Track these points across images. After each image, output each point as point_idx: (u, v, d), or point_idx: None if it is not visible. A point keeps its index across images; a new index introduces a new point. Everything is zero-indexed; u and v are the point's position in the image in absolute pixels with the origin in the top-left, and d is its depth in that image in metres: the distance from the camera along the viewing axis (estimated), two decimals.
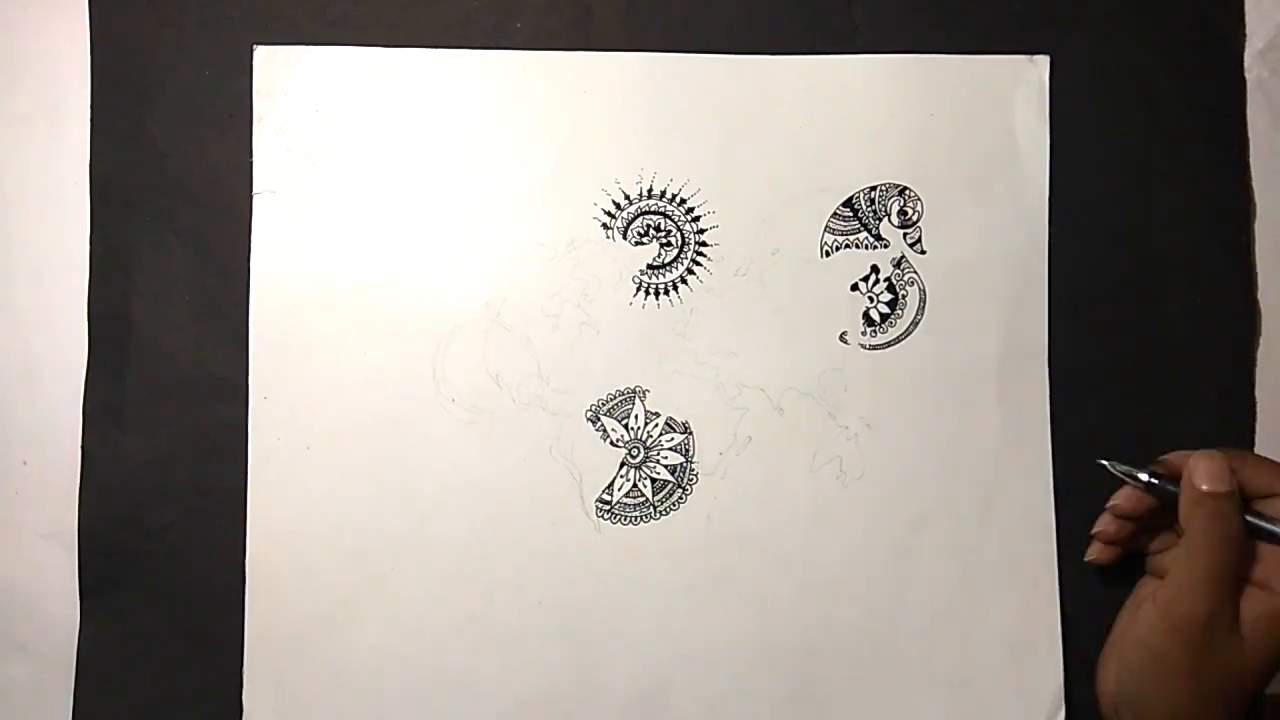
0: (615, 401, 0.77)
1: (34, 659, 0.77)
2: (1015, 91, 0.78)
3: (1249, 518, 0.70)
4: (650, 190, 0.77)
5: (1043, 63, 0.78)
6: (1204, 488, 0.69)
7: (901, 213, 0.78)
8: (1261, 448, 0.79)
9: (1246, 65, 0.79)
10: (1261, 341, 0.80)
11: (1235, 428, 0.80)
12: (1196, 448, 0.77)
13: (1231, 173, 0.80)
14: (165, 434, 0.77)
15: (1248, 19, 0.79)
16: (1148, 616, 0.69)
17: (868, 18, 0.78)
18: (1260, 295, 0.80)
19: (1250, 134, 0.80)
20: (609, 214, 0.77)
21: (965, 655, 0.78)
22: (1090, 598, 0.77)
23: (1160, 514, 0.73)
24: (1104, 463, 0.74)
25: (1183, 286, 0.79)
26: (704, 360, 0.77)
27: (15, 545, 0.77)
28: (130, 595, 0.77)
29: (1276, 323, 0.80)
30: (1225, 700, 0.68)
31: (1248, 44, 0.79)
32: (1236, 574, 0.68)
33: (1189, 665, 0.67)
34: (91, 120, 0.77)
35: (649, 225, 0.77)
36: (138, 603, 0.77)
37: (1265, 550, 0.69)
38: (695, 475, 0.77)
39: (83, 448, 0.77)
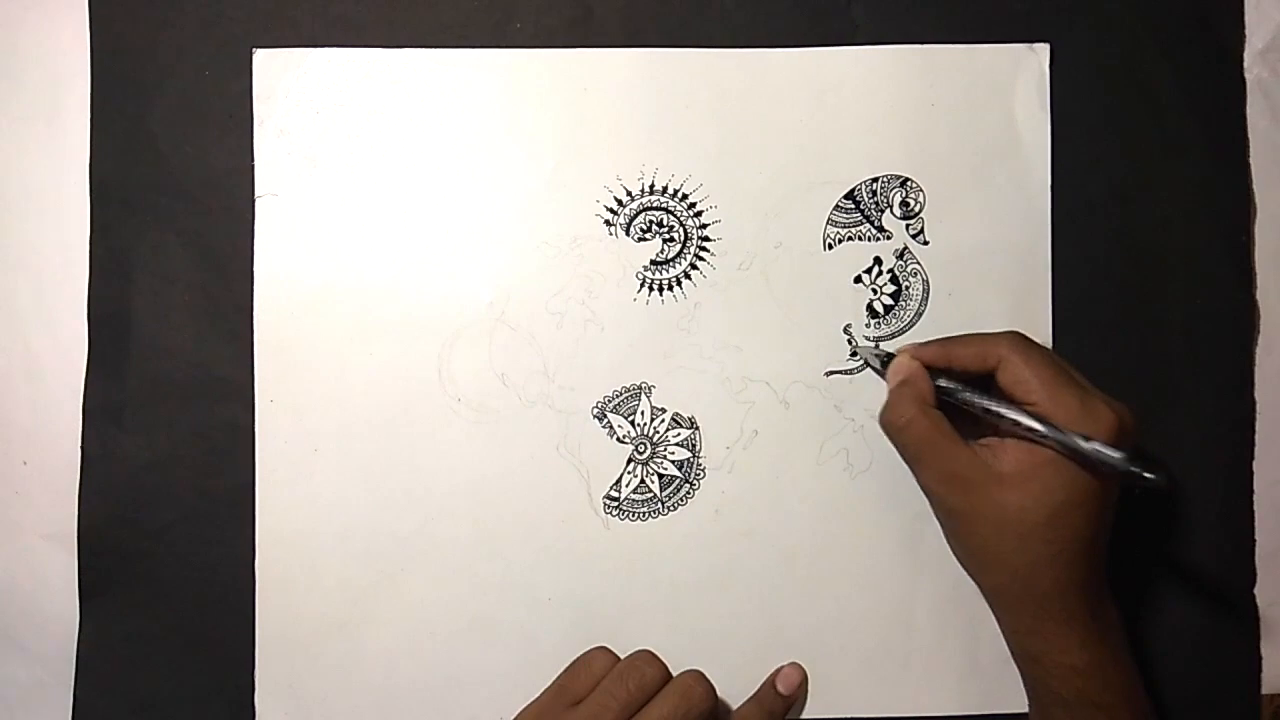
0: (621, 398, 0.77)
1: (34, 659, 0.77)
2: (1016, 79, 0.78)
3: (942, 388, 0.73)
4: (652, 186, 0.77)
5: (1043, 51, 0.78)
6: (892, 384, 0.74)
7: (904, 204, 0.78)
8: (1261, 448, 0.80)
9: (1246, 65, 0.80)
10: (1261, 341, 0.80)
11: (1235, 427, 0.80)
12: (1196, 447, 0.78)
13: (1231, 173, 0.80)
14: (165, 434, 0.77)
15: (1248, 19, 0.80)
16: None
17: (867, 17, 0.78)
18: (1260, 295, 0.80)
19: (1250, 134, 0.80)
20: (611, 211, 0.77)
21: (973, 643, 0.78)
22: None
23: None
24: (856, 350, 0.78)
25: (1183, 286, 0.79)
26: (709, 355, 0.77)
27: (15, 545, 0.77)
28: (130, 595, 0.76)
29: (1276, 323, 0.80)
30: (1046, 544, 0.68)
31: (1248, 44, 0.80)
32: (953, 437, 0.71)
33: (974, 522, 0.70)
34: (91, 120, 0.77)
35: (651, 221, 0.77)
36: (138, 603, 0.76)
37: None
38: (702, 470, 0.77)
39: (83, 448, 0.76)
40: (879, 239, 0.78)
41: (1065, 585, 0.69)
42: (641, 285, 0.77)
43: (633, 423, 0.77)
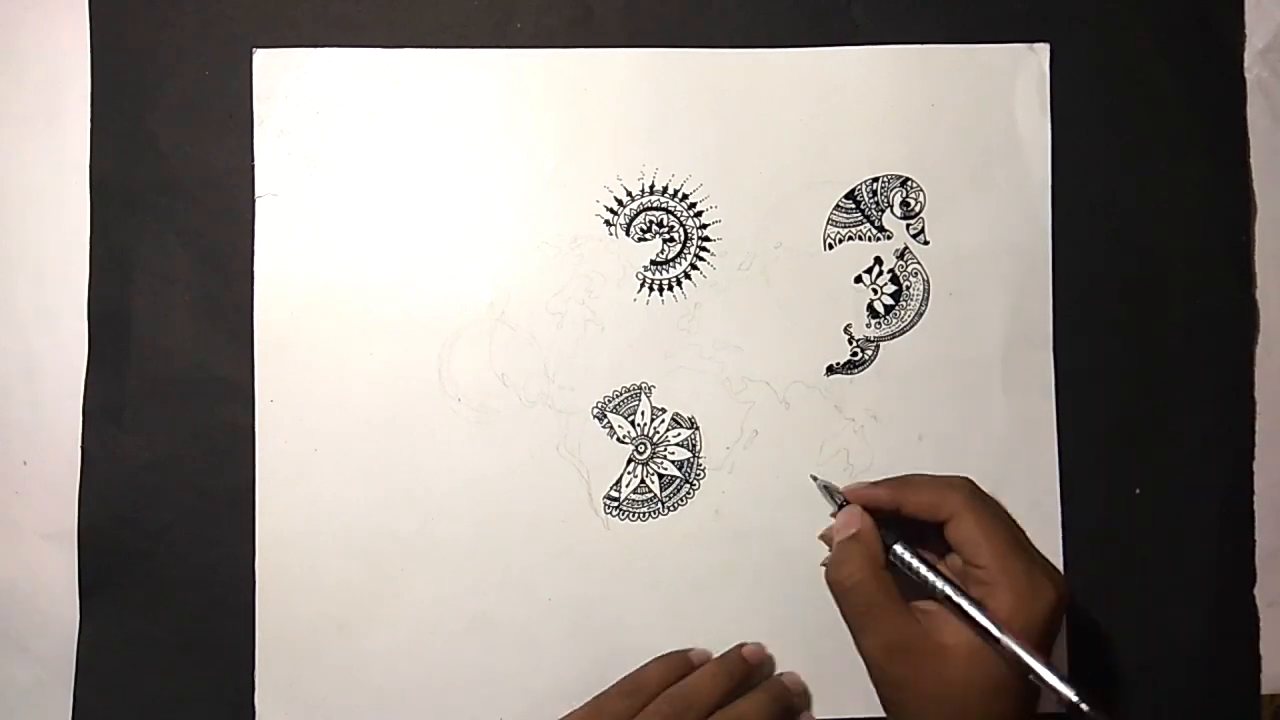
0: (621, 398, 0.77)
1: (34, 659, 0.76)
2: (1016, 79, 0.78)
3: (895, 554, 0.71)
4: (652, 186, 0.77)
5: (1043, 50, 0.78)
6: (835, 540, 0.72)
7: (904, 204, 0.78)
8: (1261, 448, 0.79)
9: (1246, 65, 0.80)
10: (1261, 341, 0.80)
11: (1235, 428, 0.80)
12: (1197, 447, 0.78)
13: (1231, 173, 0.80)
14: (165, 434, 0.76)
15: (1248, 19, 0.80)
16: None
17: (867, 17, 0.78)
18: (1260, 295, 0.80)
19: (1250, 134, 0.80)
20: (611, 211, 0.77)
21: None
22: (1093, 586, 0.77)
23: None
24: (813, 477, 0.77)
25: (1183, 286, 0.79)
26: (709, 355, 0.77)
27: (15, 545, 0.77)
28: (130, 595, 0.76)
29: (1276, 322, 0.80)
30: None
31: (1248, 44, 0.80)
32: (899, 605, 0.69)
33: (910, 687, 0.68)
34: (91, 120, 0.77)
35: (651, 221, 0.77)
36: (138, 603, 0.76)
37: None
38: (703, 470, 0.77)
39: (83, 448, 0.76)
40: (879, 239, 0.78)
41: None
42: (641, 285, 0.77)
43: (633, 423, 0.77)
